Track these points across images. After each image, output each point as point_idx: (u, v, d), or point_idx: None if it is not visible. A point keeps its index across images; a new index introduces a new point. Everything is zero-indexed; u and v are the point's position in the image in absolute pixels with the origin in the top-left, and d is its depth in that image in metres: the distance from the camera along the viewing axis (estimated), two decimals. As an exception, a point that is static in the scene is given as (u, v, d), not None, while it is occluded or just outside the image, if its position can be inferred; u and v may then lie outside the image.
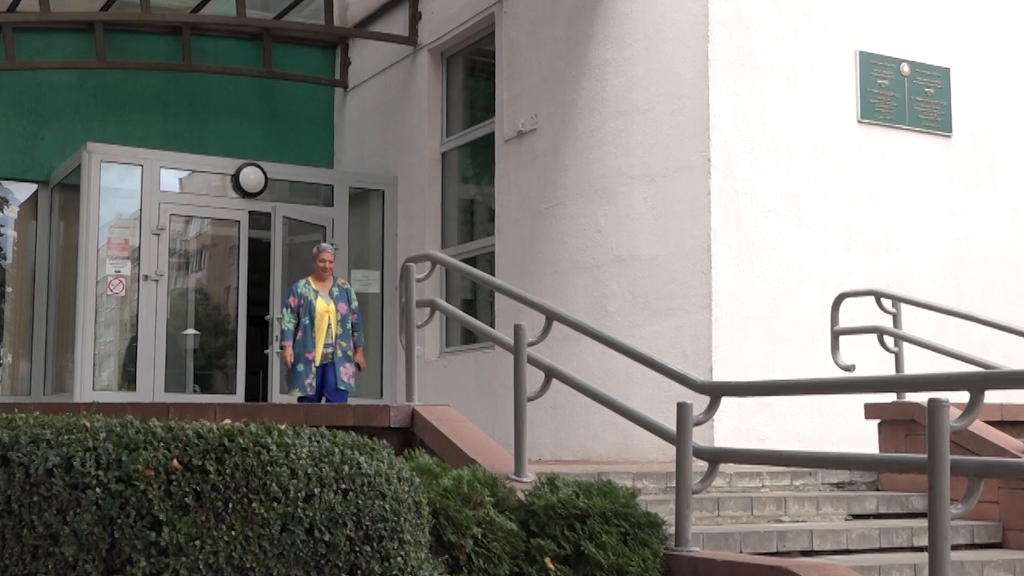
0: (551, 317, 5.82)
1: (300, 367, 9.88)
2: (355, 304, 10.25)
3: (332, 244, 11.02)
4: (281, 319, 10.25)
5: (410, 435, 6.08)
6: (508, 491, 4.95)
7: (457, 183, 12.29)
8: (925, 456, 3.99)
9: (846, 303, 7.89)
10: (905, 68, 9.47)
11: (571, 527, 4.68)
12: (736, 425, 8.21)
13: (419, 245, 11.65)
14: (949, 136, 9.69)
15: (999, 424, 7.26)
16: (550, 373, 5.72)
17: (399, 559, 4.10)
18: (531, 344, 5.80)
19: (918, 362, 7.72)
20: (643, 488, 6.66)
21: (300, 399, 9.80)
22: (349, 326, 10.12)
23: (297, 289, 10.18)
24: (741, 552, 5.70)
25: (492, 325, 9.99)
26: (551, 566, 4.59)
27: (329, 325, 10.01)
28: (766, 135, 8.89)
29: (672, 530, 5.02)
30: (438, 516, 4.50)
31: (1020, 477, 5.92)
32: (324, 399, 9.95)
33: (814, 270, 8.93)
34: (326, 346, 9.98)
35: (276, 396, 11.59)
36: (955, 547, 6.41)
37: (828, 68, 9.22)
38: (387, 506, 4.13)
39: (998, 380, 4.28)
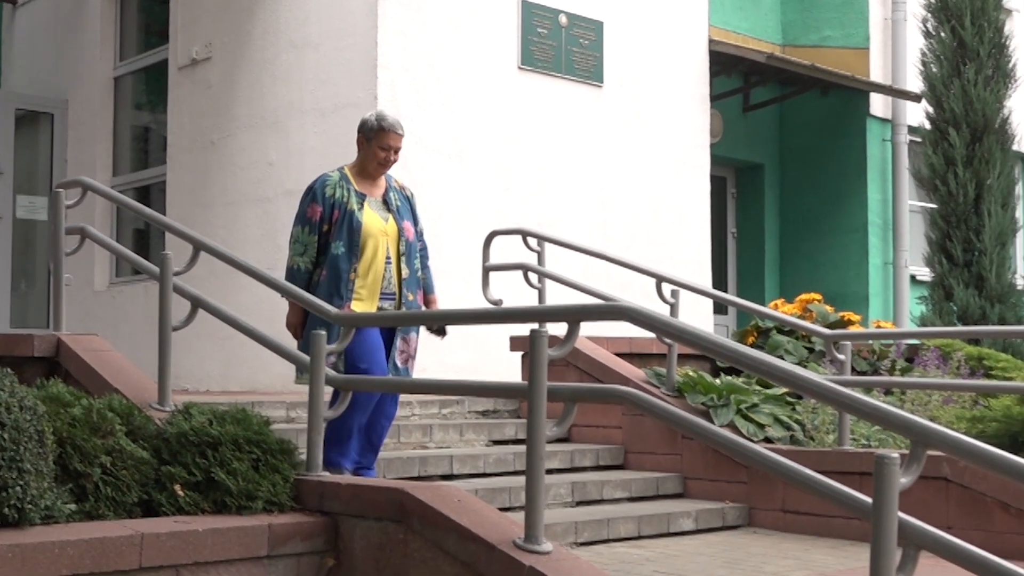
0: (198, 247, 5.89)
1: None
2: (421, 225, 6.05)
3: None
4: (291, 246, 5.82)
5: (55, 365, 6.05)
6: (146, 419, 5.02)
7: (130, 110, 11.99)
8: (526, 383, 4.36)
9: (500, 241, 8.28)
10: (563, 19, 9.94)
11: (203, 454, 4.80)
12: (395, 356, 8.51)
13: (90, 171, 11.28)
14: (601, 86, 10.23)
15: (628, 356, 7.88)
16: (196, 303, 5.80)
17: (18, 488, 4.12)
18: (178, 274, 5.86)
19: (566, 298, 8.22)
20: (296, 417, 6.86)
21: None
22: (416, 262, 5.90)
23: (323, 189, 5.75)
24: (385, 477, 6.00)
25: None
26: (181, 493, 4.70)
27: (388, 259, 5.74)
28: (431, 76, 9.15)
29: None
30: (64, 445, 4.51)
31: (609, 401, 6.54)
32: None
33: (474, 209, 9.30)
34: (383, 296, 5.74)
35: None
36: (581, 469, 7.00)
37: (492, 14, 9.55)
38: (6, 435, 4.14)
39: (591, 312, 4.68)
